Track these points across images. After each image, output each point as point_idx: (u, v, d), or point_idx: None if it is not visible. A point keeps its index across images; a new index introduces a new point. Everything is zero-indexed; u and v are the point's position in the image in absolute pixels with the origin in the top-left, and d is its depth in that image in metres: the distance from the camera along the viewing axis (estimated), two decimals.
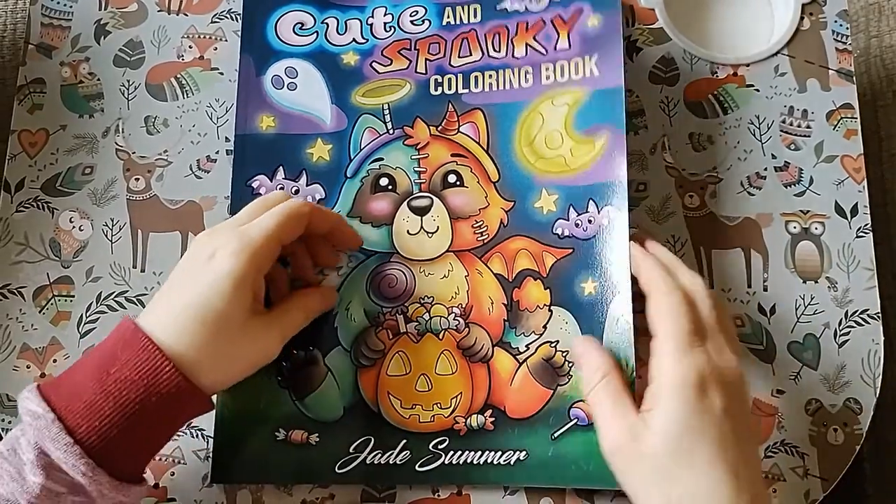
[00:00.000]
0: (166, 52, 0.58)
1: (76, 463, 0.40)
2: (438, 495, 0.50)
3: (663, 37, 0.58)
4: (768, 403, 0.52)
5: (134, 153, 0.56)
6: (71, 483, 0.40)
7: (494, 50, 0.55)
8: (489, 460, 0.49)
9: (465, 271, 0.52)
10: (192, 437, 0.51)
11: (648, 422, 0.43)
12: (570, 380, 0.50)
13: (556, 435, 0.49)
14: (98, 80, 0.57)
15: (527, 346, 0.51)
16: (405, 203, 0.53)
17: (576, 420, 0.49)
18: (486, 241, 0.52)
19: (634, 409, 0.44)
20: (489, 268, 0.52)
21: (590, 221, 0.51)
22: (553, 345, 0.50)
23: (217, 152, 0.56)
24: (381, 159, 0.54)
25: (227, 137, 0.56)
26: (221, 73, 0.57)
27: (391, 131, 0.54)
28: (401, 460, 0.49)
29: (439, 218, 0.53)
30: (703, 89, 0.57)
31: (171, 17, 0.58)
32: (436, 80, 0.55)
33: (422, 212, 0.53)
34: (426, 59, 0.55)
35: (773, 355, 0.53)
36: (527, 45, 0.55)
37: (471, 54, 0.55)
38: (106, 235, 0.55)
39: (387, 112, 0.54)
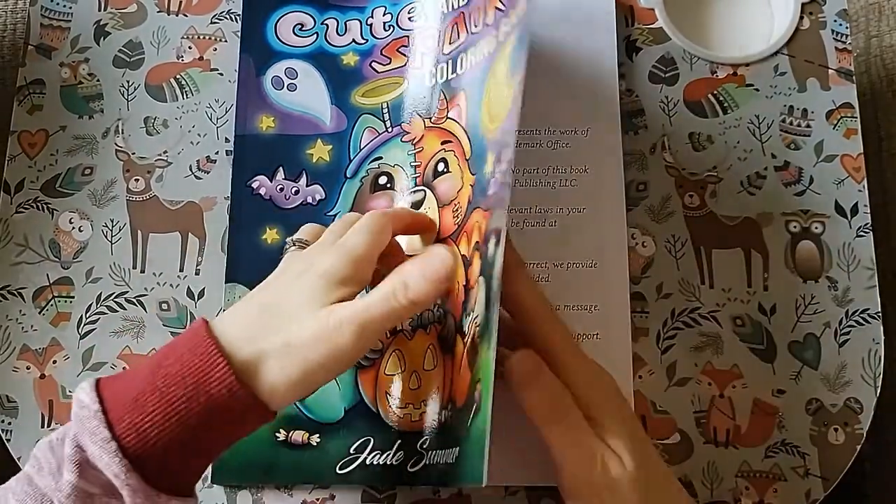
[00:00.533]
0: (166, 52, 0.58)
1: (110, 461, 0.36)
2: (439, 495, 0.50)
3: (663, 36, 0.58)
4: (769, 403, 0.52)
5: (134, 154, 0.56)
6: (104, 483, 0.37)
7: (475, 25, 0.50)
8: (448, 460, 0.45)
9: None
10: None
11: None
12: (476, 357, 0.43)
13: (469, 424, 0.43)
14: (98, 80, 0.57)
15: (468, 327, 0.45)
16: (401, 200, 0.52)
17: (473, 404, 0.42)
18: (460, 224, 0.48)
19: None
20: (459, 250, 0.47)
21: (501, 175, 0.44)
22: (475, 320, 0.44)
23: (217, 153, 0.56)
24: (380, 158, 0.54)
25: (226, 138, 0.56)
26: (221, 74, 0.57)
27: (390, 129, 0.54)
28: (396, 461, 0.48)
29: (430, 210, 0.51)
30: (703, 89, 0.57)
31: (171, 17, 0.58)
32: (431, 72, 0.53)
33: (416, 206, 0.51)
34: (422, 53, 0.54)
35: (774, 355, 0.53)
36: (495, 8, 0.49)
37: (459, 37, 0.51)
38: (106, 236, 0.55)
39: (385, 111, 0.54)
